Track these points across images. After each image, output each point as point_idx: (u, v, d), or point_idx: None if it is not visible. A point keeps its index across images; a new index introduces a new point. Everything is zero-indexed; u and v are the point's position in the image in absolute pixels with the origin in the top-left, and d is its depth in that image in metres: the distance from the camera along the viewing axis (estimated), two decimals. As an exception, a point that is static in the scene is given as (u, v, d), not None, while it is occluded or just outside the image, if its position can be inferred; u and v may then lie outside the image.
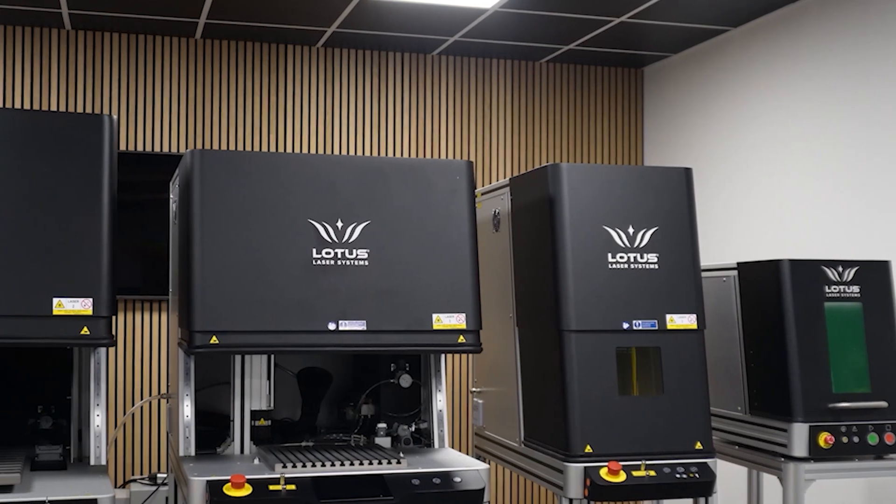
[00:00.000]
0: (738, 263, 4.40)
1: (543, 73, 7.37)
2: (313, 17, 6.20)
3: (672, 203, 3.92)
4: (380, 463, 3.39)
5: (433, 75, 7.14)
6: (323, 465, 3.35)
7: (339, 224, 3.47)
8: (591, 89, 7.46)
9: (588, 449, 3.69)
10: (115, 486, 6.22)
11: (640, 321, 3.82)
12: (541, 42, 6.78)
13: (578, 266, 3.78)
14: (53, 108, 6.47)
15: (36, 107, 6.44)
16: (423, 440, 3.96)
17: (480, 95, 7.23)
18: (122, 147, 6.54)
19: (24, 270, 3.09)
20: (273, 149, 6.81)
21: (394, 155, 7.03)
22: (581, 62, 7.36)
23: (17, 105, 6.43)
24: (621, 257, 3.84)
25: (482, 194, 4.55)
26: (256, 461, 3.51)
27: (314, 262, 3.43)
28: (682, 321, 3.86)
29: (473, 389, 4.75)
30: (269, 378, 3.75)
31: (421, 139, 7.10)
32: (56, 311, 3.11)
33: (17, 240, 3.10)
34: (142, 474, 6.49)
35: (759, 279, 4.26)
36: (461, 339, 3.53)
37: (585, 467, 3.66)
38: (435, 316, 3.50)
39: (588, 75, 7.46)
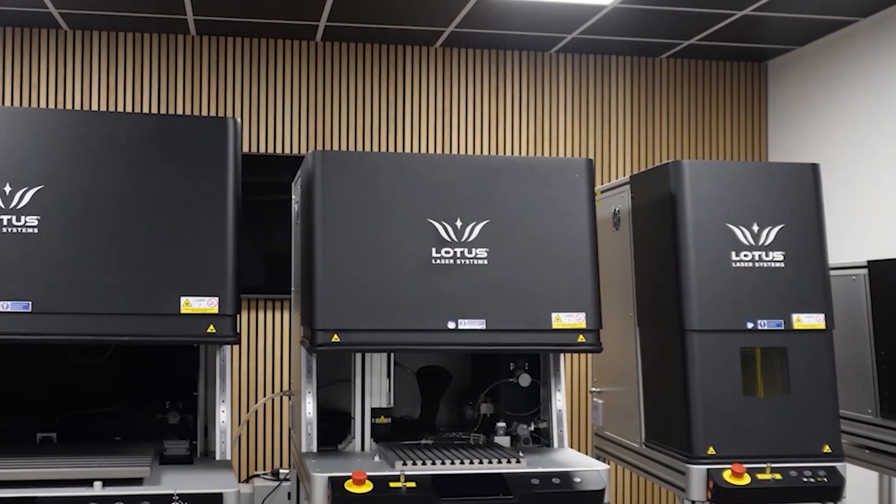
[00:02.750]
0: (868, 262, 4.26)
1: (663, 69, 7.26)
2: (432, 17, 6.23)
3: (798, 200, 3.82)
4: (499, 462, 3.38)
5: (551, 73, 7.10)
6: (443, 463, 3.35)
7: (459, 223, 3.48)
8: (712, 85, 7.32)
9: (711, 450, 3.62)
10: (239, 481, 6.36)
11: (765, 321, 3.73)
12: (660, 38, 6.68)
13: (701, 265, 3.71)
14: (180, 111, 6.64)
15: (163, 111, 6.63)
16: (542, 440, 3.94)
17: (599, 93, 7.17)
18: (246, 149, 6.67)
19: (154, 270, 3.18)
20: (392, 149, 6.87)
21: (512, 154, 7.01)
22: (702, 57, 7.23)
23: (146, 109, 6.63)
24: (745, 255, 3.75)
25: (602, 192, 4.51)
26: (377, 458, 3.54)
27: (433, 262, 3.45)
28: (809, 321, 3.75)
29: (593, 389, 4.71)
30: (388, 376, 3.78)
31: (539, 138, 7.07)
32: (184, 310, 3.18)
33: (146, 241, 3.19)
34: (264, 470, 6.62)
35: (891, 277, 4.12)
36: (581, 338, 3.50)
37: (708, 469, 3.59)
38: (554, 315, 3.48)
39: (710, 70, 7.32)
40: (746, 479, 3.55)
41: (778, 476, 3.59)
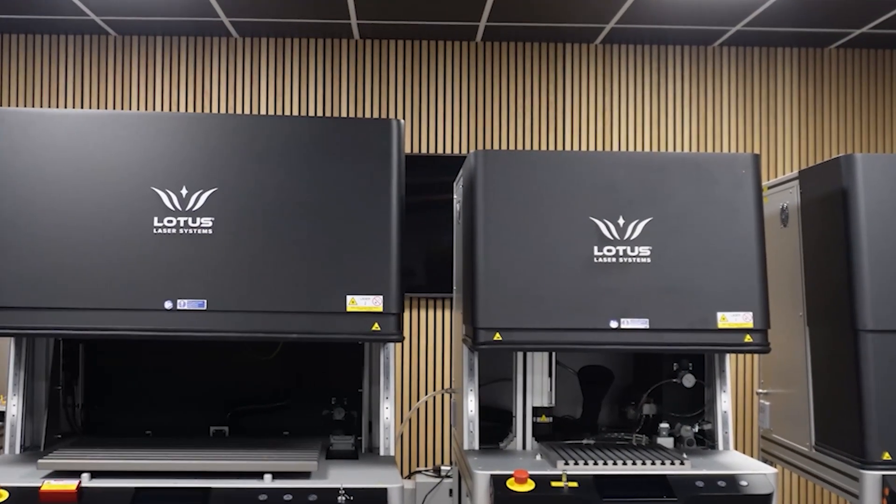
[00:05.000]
0: None
1: (832, 60, 7.02)
2: (591, 14, 6.19)
3: (982, 194, 3.63)
4: (662, 463, 3.34)
5: (714, 67, 6.95)
6: (605, 464, 3.33)
7: (621, 221, 3.45)
8: (885, 75, 7.03)
9: (886, 456, 3.48)
10: (402, 477, 6.45)
11: (944, 321, 3.56)
12: (829, 27, 6.45)
13: (875, 262, 3.57)
14: (344, 114, 6.79)
15: (328, 114, 6.78)
16: (706, 442, 3.86)
17: (765, 86, 6.98)
18: (408, 150, 6.77)
19: (321, 270, 3.25)
20: (553, 147, 6.85)
21: (674, 150, 6.90)
22: (874, 46, 6.94)
23: (311, 113, 6.80)
24: (923, 253, 3.59)
25: (769, 188, 4.39)
26: (538, 457, 3.54)
27: (595, 260, 3.42)
28: None
29: (760, 391, 4.59)
30: (550, 375, 3.77)
31: (702, 133, 6.93)
32: (349, 308, 3.25)
33: (313, 240, 3.27)
34: (426, 466, 6.69)
35: None
36: (748, 338, 3.42)
37: (884, 475, 3.45)
38: (720, 314, 3.41)
39: (882, 60, 7.03)
40: (925, 487, 3.40)
41: (959, 484, 3.43)
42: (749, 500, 3.23)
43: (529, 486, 3.20)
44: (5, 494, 2.96)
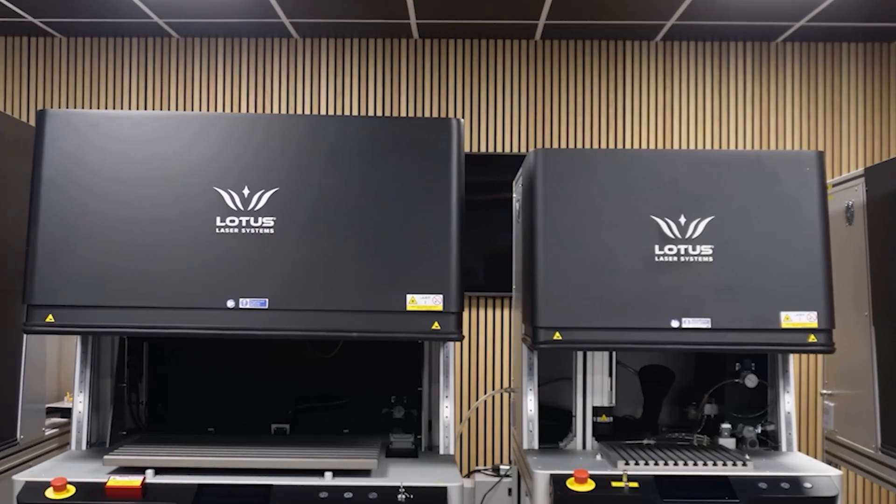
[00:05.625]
0: None
1: (899, 56, 6.90)
2: (652, 11, 6.14)
3: None
4: (724, 464, 3.30)
5: (777, 63, 6.86)
6: (666, 464, 3.30)
7: (682, 220, 3.42)
8: (954, 70, 6.90)
9: (955, 459, 3.42)
10: (461, 476, 6.46)
11: None
12: (896, 22, 6.35)
13: (944, 262, 3.50)
14: (403, 113, 6.81)
15: (388, 113, 6.81)
16: (769, 443, 3.82)
17: (829, 82, 6.87)
18: (468, 149, 6.77)
19: (381, 269, 3.27)
20: (612, 145, 6.81)
21: (735, 147, 6.82)
22: (943, 41, 6.82)
23: (370, 112, 6.83)
24: None
25: (833, 186, 4.32)
26: (598, 457, 3.52)
27: (656, 259, 3.40)
28: None
29: (824, 391, 4.52)
30: (610, 375, 3.75)
31: (764, 131, 6.85)
32: (409, 307, 3.26)
33: (374, 240, 3.28)
34: (485, 465, 6.69)
35: None
36: (812, 338, 3.37)
37: (953, 479, 3.39)
38: (783, 314, 3.36)
39: (951, 55, 6.90)
40: None
41: None
42: (813, 502, 3.19)
43: (589, 485, 3.18)
44: (72, 490, 3.02)
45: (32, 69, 6.98)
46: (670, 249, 3.41)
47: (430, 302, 3.25)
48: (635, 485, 3.20)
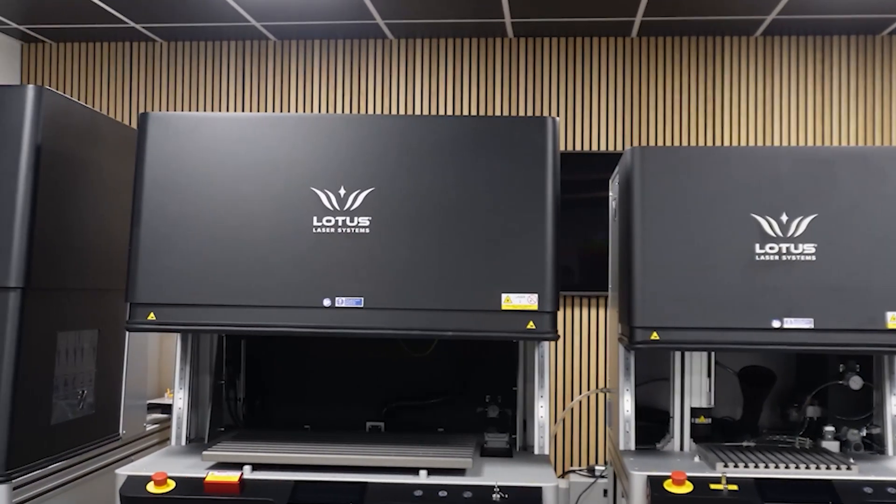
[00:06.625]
0: None
1: None
2: (751, 6, 6.03)
3: None
4: (828, 468, 3.22)
5: (882, 57, 6.68)
6: (766, 467, 3.24)
7: (784, 218, 3.34)
8: None
9: None
10: (556, 476, 6.43)
11: None
12: None
13: None
14: (498, 113, 6.80)
15: (482, 113, 6.81)
16: (874, 447, 3.71)
17: (937, 76, 6.67)
18: (563, 147, 6.74)
19: (476, 268, 3.27)
20: (711, 143, 6.71)
21: (839, 144, 6.66)
22: None
23: (465, 112, 6.83)
24: None
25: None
26: (696, 459, 3.47)
27: (757, 258, 3.33)
28: None
29: (932, 395, 4.38)
30: (709, 375, 3.69)
31: (869, 126, 6.67)
32: (504, 307, 3.25)
33: (468, 239, 3.28)
34: (580, 466, 6.65)
35: None
36: (919, 339, 3.27)
37: None
38: (890, 314, 3.27)
39: None
40: None
41: None
42: (922, 508, 3.09)
43: (687, 487, 3.14)
44: (172, 484, 3.08)
45: (135, 73, 7.15)
46: (771, 248, 3.34)
47: (525, 301, 3.24)
48: (735, 487, 3.14)
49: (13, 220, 3.31)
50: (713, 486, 3.15)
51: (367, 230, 3.30)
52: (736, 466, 3.23)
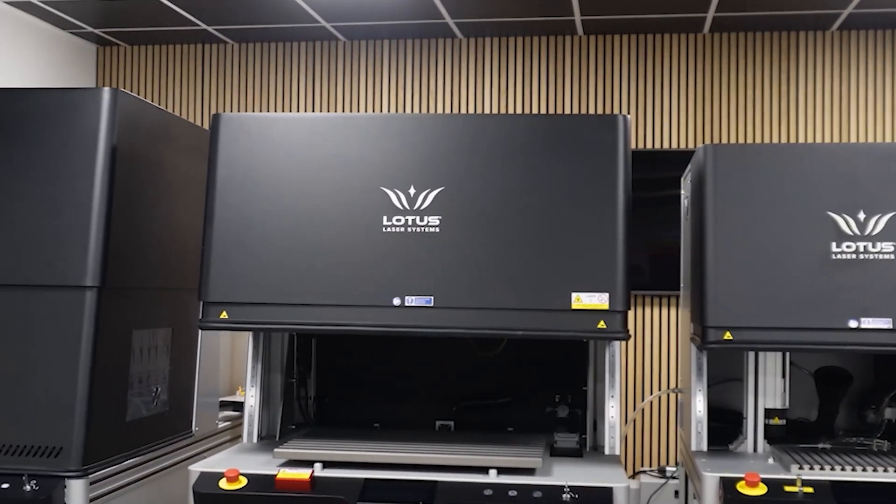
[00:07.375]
0: None
1: None
2: (826, 0, 5.93)
3: None
4: (907, 472, 3.16)
5: (963, 51, 6.53)
6: (843, 469, 3.18)
7: (861, 216, 3.28)
8: None
9: None
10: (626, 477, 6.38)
11: None
12: None
13: None
14: (568, 111, 6.77)
15: (552, 111, 6.78)
16: (956, 450, 3.63)
17: None
18: (634, 145, 6.68)
19: (546, 267, 3.25)
20: (785, 139, 6.61)
21: (917, 141, 6.52)
22: None
23: (535, 110, 6.81)
24: None
25: None
26: (770, 460, 3.42)
27: (833, 257, 3.27)
28: None
29: None
30: (783, 376, 3.63)
31: (949, 122, 6.52)
32: (574, 306, 3.23)
33: (539, 238, 3.27)
34: (650, 466, 6.60)
35: None
36: None
37: None
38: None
39: None
40: None
41: None
42: None
43: (761, 489, 3.09)
44: (244, 481, 3.11)
45: (206, 75, 7.25)
46: (848, 247, 3.27)
47: (595, 300, 3.22)
48: (810, 490, 3.09)
49: (89, 221, 3.37)
50: (787, 489, 3.10)
51: (437, 229, 3.30)
52: (811, 469, 3.18)
